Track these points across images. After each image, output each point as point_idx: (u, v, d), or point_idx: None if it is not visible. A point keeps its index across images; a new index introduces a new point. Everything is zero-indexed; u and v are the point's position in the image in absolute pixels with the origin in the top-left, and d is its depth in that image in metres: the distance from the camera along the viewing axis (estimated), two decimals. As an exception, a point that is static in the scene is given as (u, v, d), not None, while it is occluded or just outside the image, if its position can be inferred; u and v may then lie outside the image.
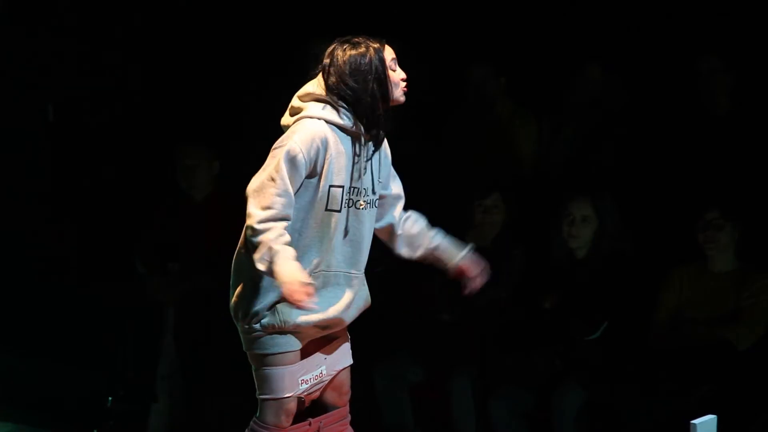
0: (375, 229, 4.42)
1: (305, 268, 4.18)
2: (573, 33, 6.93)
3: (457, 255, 4.56)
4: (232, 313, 4.32)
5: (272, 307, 4.22)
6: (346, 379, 4.50)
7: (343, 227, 4.25)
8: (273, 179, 4.10)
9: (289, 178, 4.10)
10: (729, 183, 6.06)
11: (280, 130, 4.31)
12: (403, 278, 6.40)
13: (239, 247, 4.29)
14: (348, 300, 4.32)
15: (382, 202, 4.41)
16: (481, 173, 6.58)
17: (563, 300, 5.92)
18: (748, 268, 5.79)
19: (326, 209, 4.20)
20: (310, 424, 4.43)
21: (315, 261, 4.23)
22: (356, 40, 4.26)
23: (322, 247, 4.22)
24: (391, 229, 4.47)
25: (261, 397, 4.33)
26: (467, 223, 6.27)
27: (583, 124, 6.70)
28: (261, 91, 7.05)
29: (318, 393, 4.44)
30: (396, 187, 4.46)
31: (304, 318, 4.23)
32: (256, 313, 4.22)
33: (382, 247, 4.54)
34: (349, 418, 4.53)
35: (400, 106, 4.35)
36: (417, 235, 4.48)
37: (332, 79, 4.21)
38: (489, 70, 6.84)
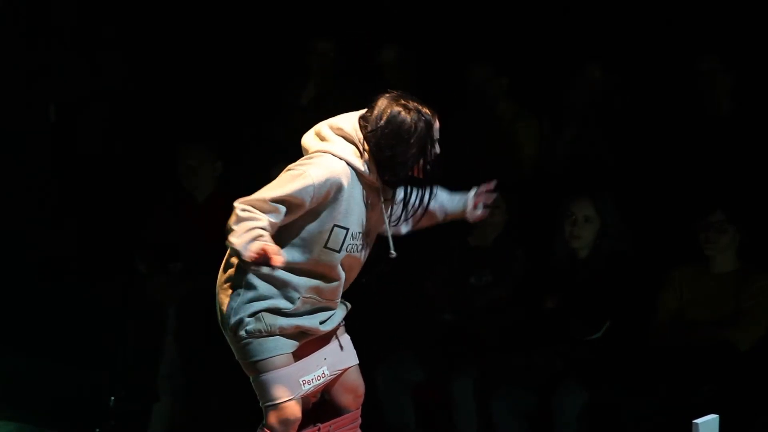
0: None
1: (296, 292, 4.23)
2: (573, 33, 6.93)
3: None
4: (220, 324, 4.35)
5: (256, 314, 4.25)
6: (358, 380, 4.51)
7: (340, 268, 4.28)
8: (272, 190, 4.10)
9: (290, 198, 4.09)
10: (730, 184, 6.07)
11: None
12: (405, 278, 6.41)
13: (226, 257, 4.33)
14: (327, 317, 4.36)
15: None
16: (483, 174, 6.57)
17: (565, 300, 5.92)
18: (749, 269, 5.79)
19: (325, 246, 4.22)
20: (319, 429, 4.43)
21: (307, 288, 4.26)
22: (408, 103, 4.20)
23: (314, 280, 4.26)
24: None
25: (264, 405, 4.33)
26: (469, 224, 6.27)
27: (584, 124, 6.70)
28: (263, 92, 7.06)
29: (321, 388, 4.44)
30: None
31: (287, 322, 4.26)
32: (241, 321, 4.25)
33: (380, 249, 4.57)
34: (359, 421, 4.53)
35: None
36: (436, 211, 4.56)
37: (376, 136, 4.16)
38: (490, 71, 6.84)
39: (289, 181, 4.11)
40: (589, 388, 5.75)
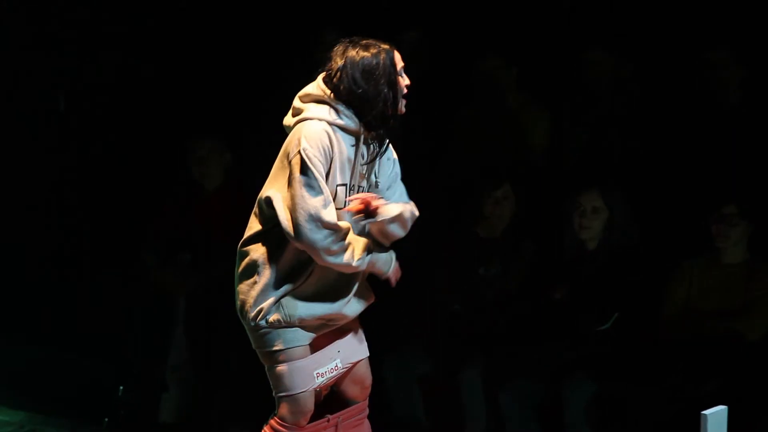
0: None
1: (309, 265, 4.24)
2: (584, 25, 6.92)
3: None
4: (238, 313, 4.35)
5: (277, 303, 4.26)
6: (366, 372, 4.52)
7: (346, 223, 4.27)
8: (312, 188, 4.11)
9: (321, 181, 4.13)
10: (741, 176, 6.05)
11: (283, 129, 4.33)
12: (413, 270, 6.40)
13: (240, 247, 4.32)
14: (350, 295, 4.36)
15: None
16: (492, 164, 6.58)
17: (573, 291, 5.92)
18: (759, 260, 5.79)
19: None
20: (328, 421, 4.44)
21: None
22: (366, 42, 4.24)
23: None
24: None
25: (278, 395, 4.34)
26: (477, 215, 6.27)
27: (594, 115, 6.69)
28: (273, 82, 7.05)
29: (333, 381, 4.44)
30: (397, 196, 4.44)
31: (308, 312, 4.27)
32: (261, 310, 4.25)
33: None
34: (366, 412, 4.54)
35: (413, 101, 4.35)
36: None
37: (344, 81, 4.20)
38: (500, 61, 6.83)
39: (301, 172, 4.12)
40: (598, 379, 5.74)
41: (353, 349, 4.47)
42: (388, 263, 4.37)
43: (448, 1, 7.28)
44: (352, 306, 4.37)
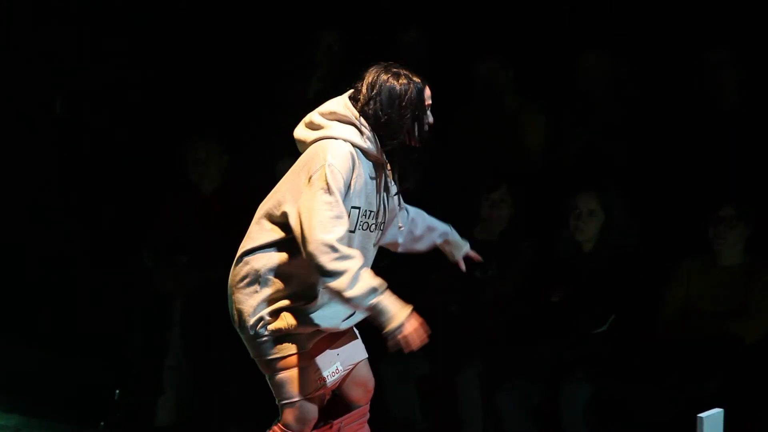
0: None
1: (316, 285, 4.21)
2: (581, 25, 6.91)
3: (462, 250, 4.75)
4: (234, 322, 4.31)
5: (277, 312, 4.23)
6: (368, 374, 4.51)
7: (354, 248, 4.24)
8: (328, 203, 4.08)
9: (341, 199, 4.10)
10: (739, 178, 6.04)
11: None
12: (411, 270, 6.39)
13: (240, 257, 4.29)
14: (347, 315, 4.33)
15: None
16: (489, 167, 6.57)
17: (570, 293, 5.91)
18: (757, 262, 5.78)
19: None
20: (331, 427, 4.42)
21: None
22: (398, 70, 4.24)
23: None
24: (395, 243, 4.56)
25: (281, 402, 4.32)
26: (475, 217, 6.27)
27: (592, 117, 6.68)
28: (271, 85, 7.06)
29: (335, 384, 4.43)
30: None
31: (309, 324, 4.25)
32: (261, 319, 4.23)
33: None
34: (367, 416, 4.53)
35: None
36: (420, 236, 4.61)
37: (370, 105, 4.19)
38: (497, 64, 6.82)
39: (322, 186, 4.09)
40: (595, 381, 5.74)
41: (352, 352, 4.46)
42: (392, 320, 4.12)
43: (448, 2, 7.27)
44: (347, 323, 4.37)
